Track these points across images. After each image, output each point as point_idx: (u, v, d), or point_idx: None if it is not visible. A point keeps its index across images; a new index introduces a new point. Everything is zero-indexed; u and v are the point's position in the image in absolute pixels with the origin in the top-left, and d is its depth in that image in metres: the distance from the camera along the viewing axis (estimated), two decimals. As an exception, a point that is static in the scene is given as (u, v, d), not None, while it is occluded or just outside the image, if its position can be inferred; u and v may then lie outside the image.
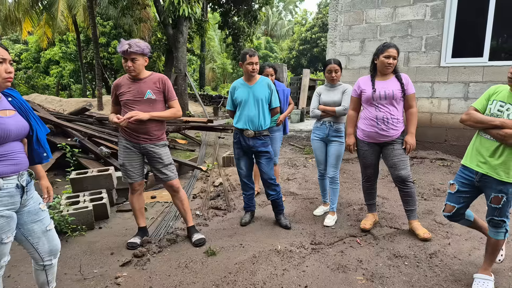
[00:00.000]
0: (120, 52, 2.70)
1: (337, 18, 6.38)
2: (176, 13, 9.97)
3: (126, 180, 2.97)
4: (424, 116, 5.75)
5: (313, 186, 4.61)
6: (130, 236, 3.19)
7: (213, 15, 21.49)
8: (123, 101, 2.82)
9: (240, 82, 3.29)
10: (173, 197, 3.07)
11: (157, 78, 2.87)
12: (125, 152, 2.89)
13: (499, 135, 2.01)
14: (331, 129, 3.35)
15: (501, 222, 2.14)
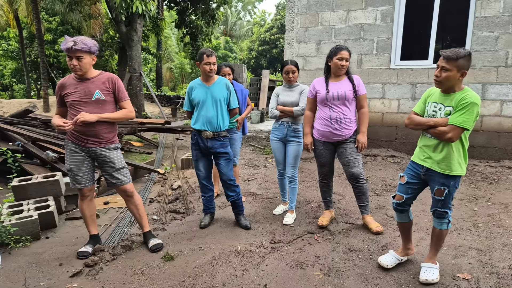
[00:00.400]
0: (65, 49, 2.54)
1: (294, 20, 6.51)
2: (129, 10, 9.57)
3: (75, 186, 2.80)
4: (376, 116, 6.06)
5: (273, 186, 4.66)
6: (81, 245, 3.01)
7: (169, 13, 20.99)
8: (69, 102, 2.65)
9: (198, 82, 3.24)
10: (127, 202, 2.95)
11: (106, 77, 2.74)
12: (73, 156, 2.73)
13: (434, 133, 2.21)
14: (289, 129, 3.41)
15: (444, 213, 2.30)
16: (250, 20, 37.48)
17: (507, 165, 5.14)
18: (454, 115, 2.11)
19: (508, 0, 5.08)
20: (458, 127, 2.09)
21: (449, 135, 2.11)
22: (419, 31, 6.03)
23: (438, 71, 2.14)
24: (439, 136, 2.18)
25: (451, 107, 2.14)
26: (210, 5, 14.30)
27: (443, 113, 2.19)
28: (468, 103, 2.07)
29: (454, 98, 2.14)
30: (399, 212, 2.52)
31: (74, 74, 2.68)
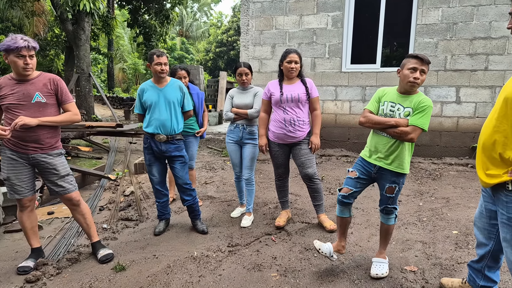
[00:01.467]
0: (14, 48, 2.32)
1: (249, 23, 6.54)
2: (76, 8, 9.03)
3: (13, 196, 2.56)
4: (329, 117, 6.27)
5: (230, 189, 4.63)
6: (22, 259, 2.77)
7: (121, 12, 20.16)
8: (5, 105, 2.44)
9: (149, 84, 3.12)
10: (73, 211, 2.76)
11: (48, 78, 2.55)
12: (10, 164, 2.50)
13: (395, 133, 2.25)
14: (245, 131, 3.40)
15: (393, 209, 2.43)
16: (207, 21, 37.15)
17: (448, 162, 5.58)
18: (414, 116, 2.20)
19: (446, 10, 5.52)
20: (419, 128, 2.19)
21: (411, 135, 2.20)
22: (367, 36, 6.36)
23: (418, 73, 2.19)
24: (400, 136, 2.23)
25: (411, 108, 2.22)
26: (164, 5, 13.94)
27: (402, 114, 2.25)
28: (426, 106, 2.19)
29: (412, 100, 2.24)
30: (343, 206, 2.49)
31: (12, 75, 2.47)
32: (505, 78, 5.40)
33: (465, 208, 3.75)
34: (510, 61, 5.35)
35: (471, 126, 5.65)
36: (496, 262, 1.72)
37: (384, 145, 2.32)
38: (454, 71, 5.60)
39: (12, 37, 2.36)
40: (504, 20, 5.28)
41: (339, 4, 5.98)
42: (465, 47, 5.51)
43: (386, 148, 2.31)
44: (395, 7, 6.01)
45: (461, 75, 5.58)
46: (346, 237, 2.61)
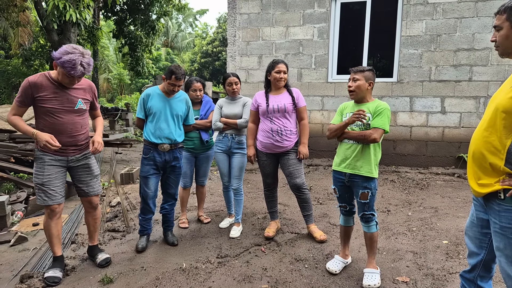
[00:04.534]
0: (70, 73, 2.35)
1: (236, 33, 6.59)
2: (62, 19, 8.92)
3: (45, 202, 2.53)
4: (316, 127, 6.31)
5: (218, 199, 4.57)
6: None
7: (106, 22, 20.05)
8: (46, 109, 2.44)
9: (157, 91, 3.05)
10: (88, 214, 2.80)
11: (87, 86, 2.67)
12: (48, 169, 2.51)
13: (360, 135, 2.38)
14: (233, 141, 3.39)
15: (371, 216, 2.47)
16: (192, 32, 37.29)
17: (435, 172, 5.67)
18: (375, 119, 2.36)
19: (429, 22, 5.69)
20: (380, 128, 2.34)
21: (374, 135, 2.33)
22: (353, 47, 6.49)
23: (351, 82, 2.46)
24: (364, 139, 2.35)
25: (370, 114, 2.39)
26: (150, 16, 13.93)
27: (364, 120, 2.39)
28: (383, 109, 2.37)
29: (369, 107, 2.42)
30: (347, 216, 2.67)
31: (52, 75, 2.48)
32: (489, 88, 5.58)
33: (454, 217, 3.79)
34: (493, 72, 5.53)
35: (457, 136, 5.78)
36: (488, 272, 1.73)
37: (352, 151, 2.44)
38: (439, 82, 5.75)
39: (72, 61, 2.30)
40: (487, 32, 5.48)
41: (324, 16, 6.09)
42: (449, 58, 5.67)
43: (354, 153, 2.43)
44: (380, 19, 6.17)
45: (445, 85, 5.73)
46: (349, 244, 2.73)
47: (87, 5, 9.51)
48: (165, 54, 30.52)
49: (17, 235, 3.32)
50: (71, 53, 2.31)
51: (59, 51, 2.33)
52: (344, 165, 2.49)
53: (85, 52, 2.37)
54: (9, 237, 3.37)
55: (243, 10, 6.49)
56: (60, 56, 2.30)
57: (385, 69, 7.03)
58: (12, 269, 2.79)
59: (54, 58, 2.32)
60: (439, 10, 5.63)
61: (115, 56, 27.22)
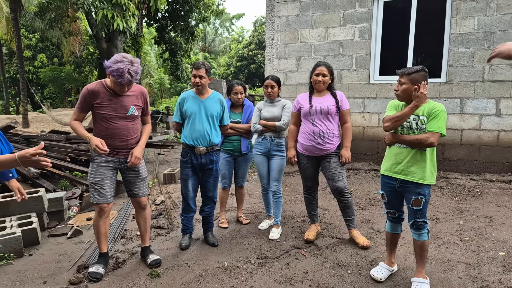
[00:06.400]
0: (118, 81, 2.48)
1: (274, 36, 6.61)
2: (110, 27, 9.49)
3: (97, 200, 2.69)
4: (357, 130, 6.15)
5: (256, 200, 4.60)
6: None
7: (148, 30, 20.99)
8: (102, 115, 2.60)
9: (191, 95, 3.14)
10: (138, 214, 2.92)
11: (140, 92, 2.76)
12: (100, 169, 2.67)
13: (415, 140, 2.25)
14: (273, 143, 3.39)
15: (423, 223, 2.35)
16: (228, 36, 37.98)
17: (489, 178, 5.26)
18: (431, 122, 2.23)
19: (482, 18, 5.35)
20: (437, 132, 2.21)
21: (430, 139, 2.20)
22: (396, 47, 6.25)
23: (397, 86, 2.35)
24: (420, 143, 2.24)
25: (425, 116, 2.27)
26: (189, 22, 14.41)
27: (419, 122, 2.28)
28: (439, 111, 2.23)
29: (424, 109, 2.28)
30: (395, 223, 2.57)
31: (108, 84, 2.61)
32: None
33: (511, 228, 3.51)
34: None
35: (513, 140, 5.34)
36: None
37: (405, 156, 2.33)
38: (493, 82, 5.37)
39: (120, 70, 2.41)
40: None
41: (366, 16, 5.94)
42: (503, 57, 5.27)
43: (407, 158, 2.31)
44: (426, 16, 5.89)
45: (501, 86, 5.33)
46: (395, 252, 2.62)
47: (133, 14, 10.04)
48: (202, 59, 31.37)
49: (73, 228, 3.57)
50: (120, 61, 2.42)
51: (110, 60, 2.46)
52: (395, 170, 2.38)
53: (134, 61, 2.47)
54: (66, 230, 3.64)
55: (282, 13, 6.51)
56: (110, 65, 2.43)
57: (432, 69, 6.69)
58: (70, 259, 3.01)
59: (106, 67, 2.45)
60: (492, 6, 5.27)
61: (156, 61, 28.40)
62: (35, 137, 5.99)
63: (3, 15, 15.23)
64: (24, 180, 4.76)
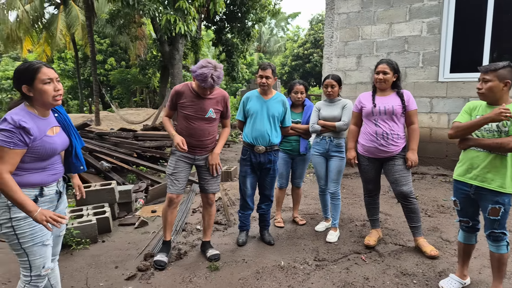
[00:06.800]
0: (201, 85, 2.65)
1: (333, 34, 6.45)
2: (173, 31, 10.04)
3: (171, 190, 2.89)
4: (424, 131, 5.75)
5: (312, 202, 4.53)
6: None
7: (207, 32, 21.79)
8: (184, 114, 2.81)
9: (255, 94, 3.20)
10: (205, 209, 3.07)
11: (221, 97, 2.89)
12: (177, 163, 2.87)
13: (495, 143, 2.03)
14: (332, 144, 3.32)
15: (501, 235, 2.13)
16: (283, 36, 37.91)
17: None
18: None
19: None
20: None
21: None
22: (470, 42, 5.72)
23: (480, 84, 2.14)
24: (499, 147, 2.02)
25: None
26: (245, 24, 14.67)
27: (501, 124, 2.07)
28: None
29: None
30: (469, 233, 2.36)
31: (194, 86, 2.79)
32: None
33: None
34: None
35: None
36: None
37: (482, 161, 2.11)
38: None
39: (204, 74, 2.56)
40: None
41: (436, 9, 5.52)
42: None
43: (484, 164, 2.10)
44: (507, 7, 5.30)
45: None
46: (468, 264, 2.43)
47: (193, 18, 10.51)
48: (257, 59, 31.72)
49: (140, 219, 3.85)
50: (204, 66, 2.59)
51: (196, 65, 2.65)
52: (470, 176, 2.19)
53: (217, 66, 2.62)
54: (134, 220, 3.93)
55: (342, 10, 6.32)
56: (196, 69, 2.61)
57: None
58: (137, 247, 3.25)
59: (192, 71, 2.64)
60: None
61: (213, 63, 29.36)
62: (107, 134, 6.56)
63: (79, 23, 16.91)
64: (97, 173, 5.25)
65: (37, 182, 1.77)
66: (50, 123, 1.83)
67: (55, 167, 1.87)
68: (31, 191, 1.75)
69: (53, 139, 1.79)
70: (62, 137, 1.89)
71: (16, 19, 16.47)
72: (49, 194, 1.83)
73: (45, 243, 1.80)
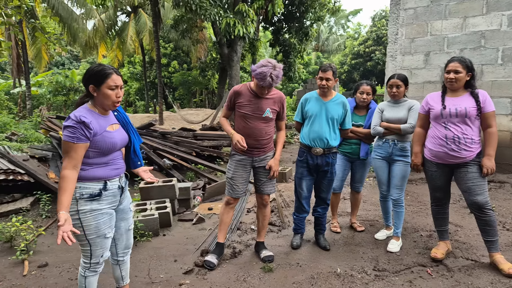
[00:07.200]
0: (260, 84, 2.67)
1: (398, 31, 6.09)
2: (232, 34, 10.32)
3: (230, 194, 2.94)
4: (503, 135, 5.17)
5: (372, 208, 4.32)
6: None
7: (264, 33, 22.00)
8: (241, 113, 2.84)
9: (314, 96, 3.13)
10: (259, 209, 3.09)
11: (278, 97, 2.88)
12: (237, 167, 2.90)
13: None
14: (395, 147, 3.12)
15: None
16: (343, 34, 36.77)
17: None
18: None
19: None
20: None
21: None
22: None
23: None
24: None
25: None
26: (304, 23, 14.51)
27: None
28: None
29: None
30: None
31: (252, 86, 2.82)
32: None
33: None
34: None
35: None
36: None
37: None
38: None
39: (263, 73, 2.57)
40: None
41: (519, -1, 4.94)
42: None
43: None
44: None
45: None
46: None
47: (252, 20, 10.69)
48: (315, 58, 31.21)
49: (198, 216, 4.01)
50: (264, 66, 2.61)
51: (257, 64, 2.67)
52: None
53: (277, 66, 2.63)
54: (192, 216, 4.11)
55: (409, 5, 5.94)
56: (256, 68, 2.64)
57: None
58: (195, 243, 3.39)
59: (252, 70, 2.67)
60: None
61: (270, 63, 29.53)
62: (169, 133, 6.95)
63: (147, 29, 18.22)
64: (160, 170, 5.58)
65: (101, 176, 1.91)
66: (110, 120, 1.98)
67: (116, 162, 1.99)
68: (96, 185, 1.90)
69: (112, 134, 1.94)
70: (121, 134, 2.02)
71: (93, 27, 18.33)
72: (112, 188, 1.96)
73: (106, 236, 1.96)
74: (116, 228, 2.10)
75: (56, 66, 30.63)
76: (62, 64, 31.55)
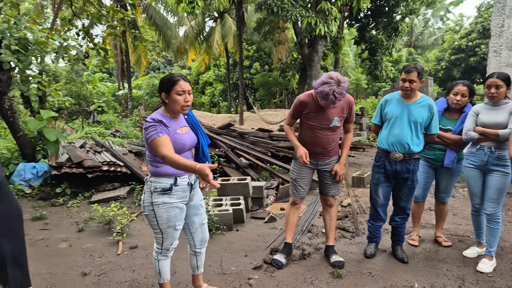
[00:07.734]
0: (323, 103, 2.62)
1: (504, 23, 5.29)
2: (313, 33, 10.21)
3: (294, 194, 2.99)
4: None
5: (463, 222, 3.87)
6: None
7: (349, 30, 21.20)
8: (308, 124, 2.81)
9: (396, 97, 2.92)
10: (325, 210, 3.08)
11: (346, 102, 2.78)
12: (300, 170, 2.93)
13: None
14: (492, 156, 2.75)
15: None
16: (442, 26, 33.19)
17: None
18: None
19: None
20: None
21: None
22: None
23: None
24: None
25: None
26: (393, 18, 13.53)
27: None
28: None
29: None
30: None
31: (314, 93, 2.70)
32: None
33: None
34: None
35: None
36: None
37: None
38: None
39: (324, 93, 2.48)
40: None
41: None
42: None
43: None
44: None
45: None
46: None
47: (334, 18, 10.40)
48: (406, 55, 28.90)
49: (269, 215, 4.11)
50: (326, 83, 2.48)
51: (318, 81, 2.55)
52: None
53: (341, 80, 2.48)
54: (264, 215, 4.23)
55: (519, -10, 5.12)
56: (317, 86, 2.55)
57: None
58: (265, 241, 3.48)
59: (314, 87, 2.59)
60: None
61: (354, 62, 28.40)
62: (246, 133, 7.23)
63: (231, 33, 19.19)
64: (237, 168, 5.86)
65: (172, 172, 2.08)
66: (180, 123, 2.16)
67: None
68: (168, 180, 2.08)
69: (182, 136, 2.11)
70: (191, 135, 2.19)
71: (184, 34, 20.06)
72: (181, 184, 2.12)
73: (176, 228, 2.15)
74: (191, 223, 2.29)
75: (153, 70, 34.25)
76: (157, 68, 35.18)
